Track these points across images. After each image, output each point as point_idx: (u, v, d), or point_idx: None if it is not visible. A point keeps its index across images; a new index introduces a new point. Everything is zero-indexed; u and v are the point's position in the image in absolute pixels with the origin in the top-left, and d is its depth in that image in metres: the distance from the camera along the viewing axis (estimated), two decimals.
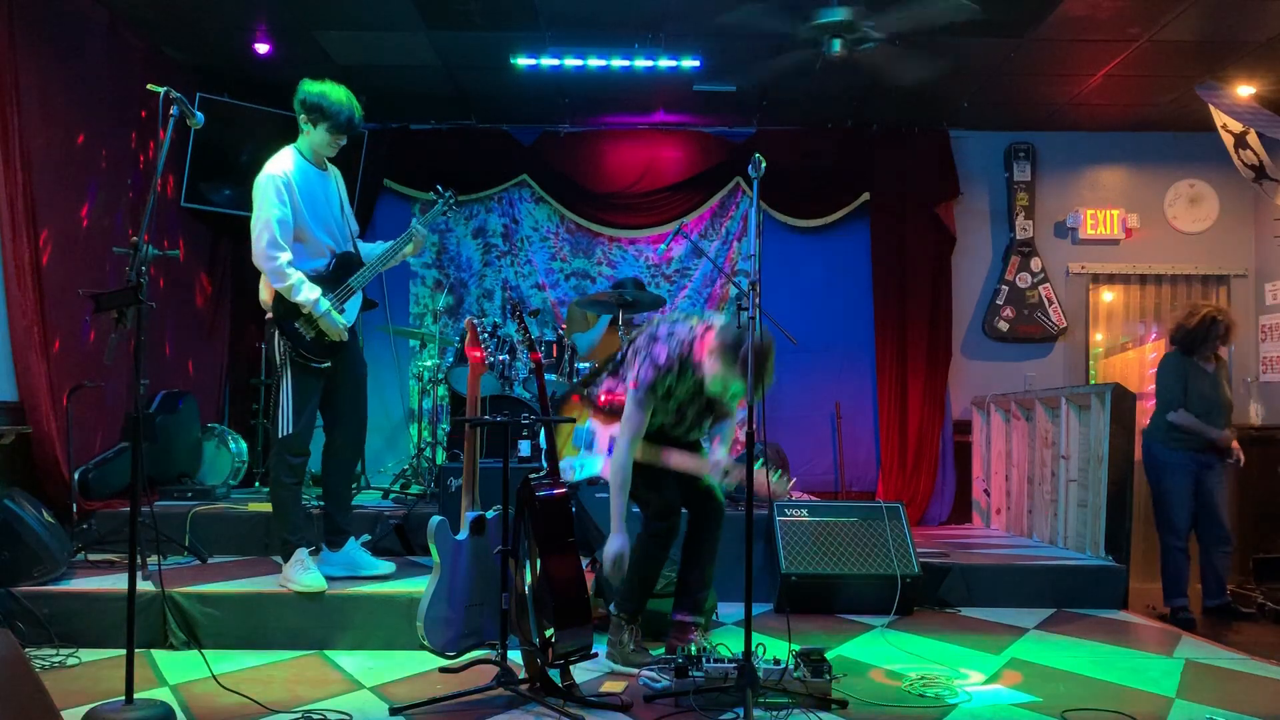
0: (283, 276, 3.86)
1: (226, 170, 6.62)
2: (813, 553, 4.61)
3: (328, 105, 3.97)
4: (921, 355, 7.32)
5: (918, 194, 7.37)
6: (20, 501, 4.11)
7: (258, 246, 3.87)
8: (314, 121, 4.01)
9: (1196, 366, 5.16)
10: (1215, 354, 5.22)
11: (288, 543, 4.06)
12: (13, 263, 4.70)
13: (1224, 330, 5.15)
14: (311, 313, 3.91)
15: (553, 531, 3.25)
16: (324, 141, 4.06)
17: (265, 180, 3.93)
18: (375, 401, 5.19)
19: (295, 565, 4.02)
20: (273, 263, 3.85)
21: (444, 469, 5.06)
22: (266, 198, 3.89)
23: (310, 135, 4.06)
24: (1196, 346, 5.16)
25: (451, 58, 6.28)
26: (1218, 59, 6.05)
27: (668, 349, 3.52)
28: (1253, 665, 3.81)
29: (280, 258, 3.85)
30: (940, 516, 7.23)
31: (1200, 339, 5.14)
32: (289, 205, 3.92)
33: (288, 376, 3.98)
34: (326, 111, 3.98)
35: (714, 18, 5.41)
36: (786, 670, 3.19)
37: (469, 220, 7.54)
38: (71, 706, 2.96)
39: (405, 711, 3.08)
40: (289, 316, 3.93)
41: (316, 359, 4.00)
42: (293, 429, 3.97)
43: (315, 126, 4.02)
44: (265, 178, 3.94)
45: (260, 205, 3.90)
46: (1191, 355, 5.18)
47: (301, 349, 3.95)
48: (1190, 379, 5.13)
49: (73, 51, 5.26)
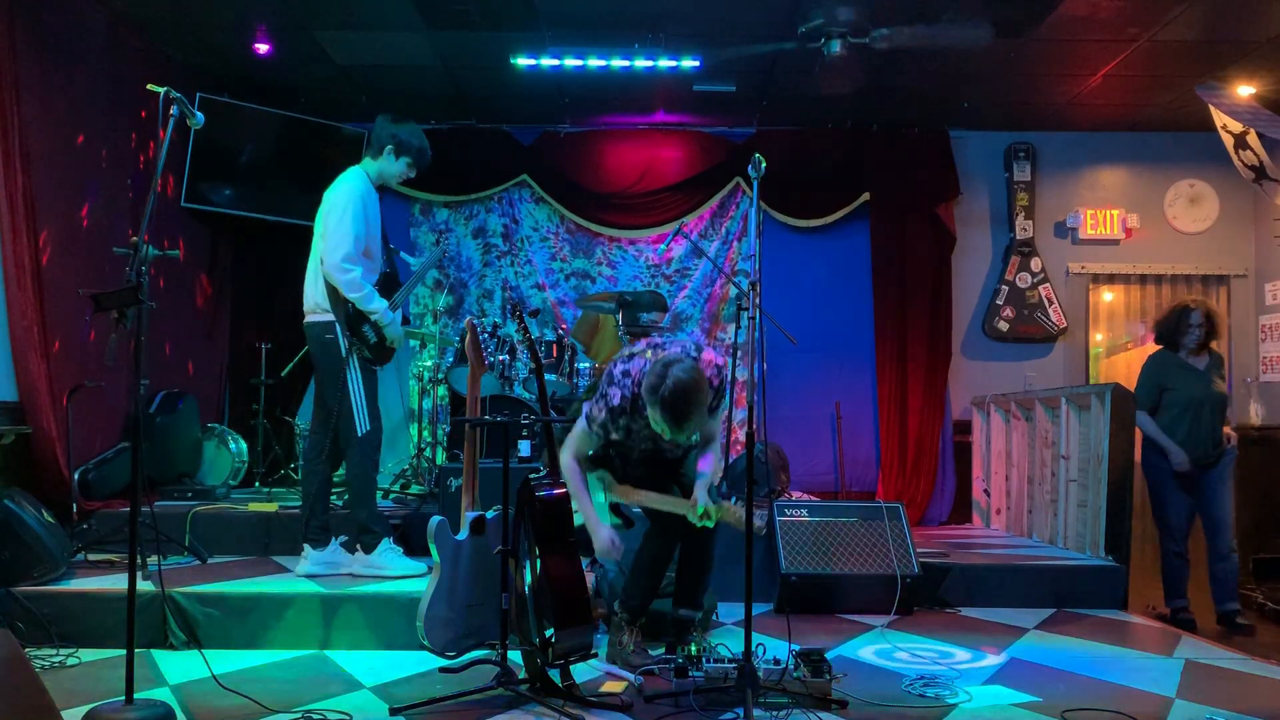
0: (358, 287, 4.12)
1: (226, 170, 6.63)
2: (813, 553, 4.61)
3: (418, 144, 4.34)
4: (921, 355, 7.32)
5: (918, 194, 7.37)
6: (20, 501, 4.11)
7: (334, 257, 4.09)
8: (397, 153, 4.31)
9: (1181, 364, 5.09)
10: (1206, 349, 5.10)
11: (371, 532, 4.26)
12: (13, 263, 4.70)
13: (1201, 321, 5.01)
14: (380, 320, 4.20)
15: (553, 531, 3.24)
16: (397, 173, 4.36)
17: (350, 196, 4.17)
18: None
19: (388, 553, 4.25)
20: (350, 274, 4.10)
21: (444, 469, 5.06)
22: (352, 213, 4.13)
23: (384, 163, 4.32)
24: (1175, 340, 5.09)
25: (451, 58, 6.28)
26: (1218, 59, 6.05)
27: (621, 392, 3.41)
28: (1253, 665, 3.81)
29: (356, 270, 4.12)
30: (940, 516, 7.23)
31: (1173, 330, 5.07)
32: (364, 224, 4.17)
33: (356, 377, 4.22)
34: (415, 150, 4.33)
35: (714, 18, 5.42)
36: (786, 670, 3.19)
37: (469, 220, 7.54)
38: (71, 706, 2.96)
39: (405, 711, 3.08)
40: (359, 320, 4.18)
41: (375, 361, 4.28)
42: (370, 425, 4.23)
43: (396, 158, 4.32)
44: (348, 193, 4.18)
45: (343, 218, 4.13)
46: (1177, 351, 5.10)
47: (368, 350, 4.22)
48: (1170, 377, 5.06)
49: (73, 51, 5.26)
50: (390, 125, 4.31)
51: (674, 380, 3.16)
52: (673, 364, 3.21)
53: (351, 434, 4.20)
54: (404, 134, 4.30)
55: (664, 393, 3.15)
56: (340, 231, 4.10)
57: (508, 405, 5.54)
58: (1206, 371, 5.08)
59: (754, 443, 3.12)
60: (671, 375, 3.17)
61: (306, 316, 4.27)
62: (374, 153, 4.33)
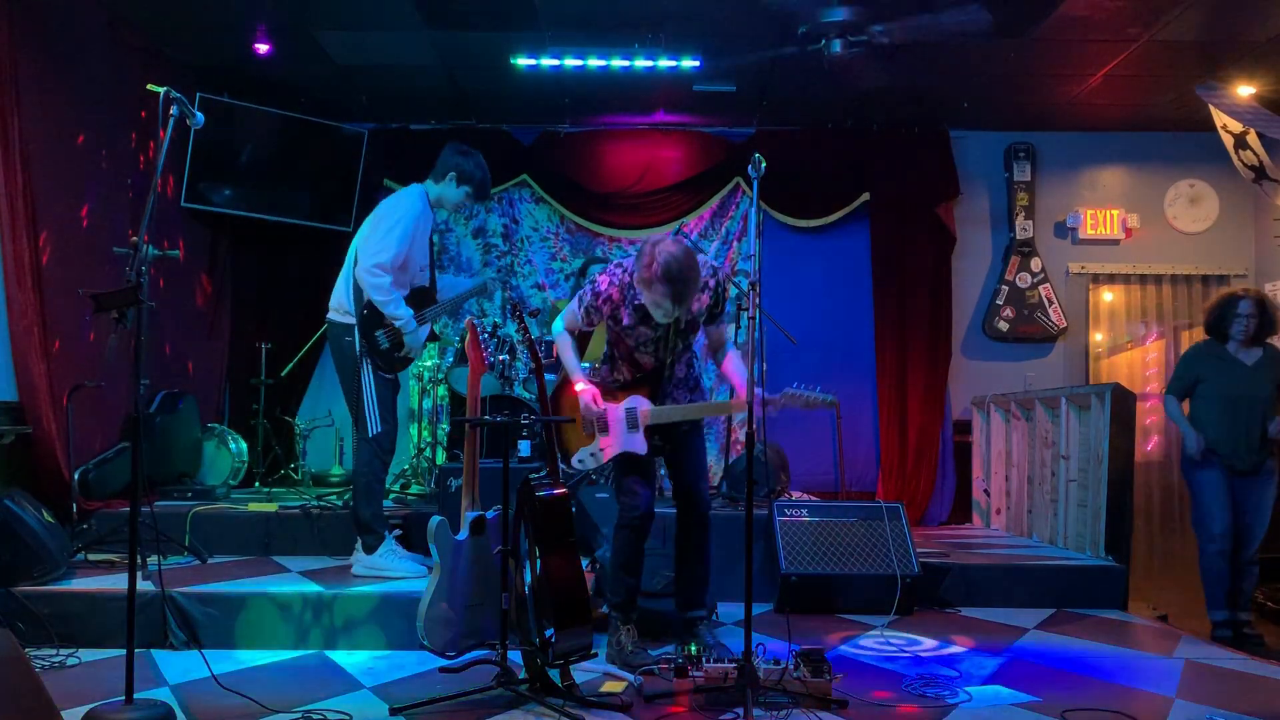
0: (386, 292, 4.21)
1: (226, 170, 6.63)
2: (813, 553, 4.61)
3: (481, 177, 4.43)
4: (921, 355, 7.32)
5: (917, 194, 7.37)
6: (20, 501, 4.11)
7: (368, 260, 4.18)
8: (459, 182, 4.40)
9: (1223, 356, 4.80)
10: (1260, 342, 4.79)
11: (373, 532, 4.31)
12: (13, 263, 4.70)
13: (1250, 310, 4.69)
14: (403, 329, 4.28)
15: (553, 531, 3.24)
16: (455, 201, 4.45)
17: (404, 212, 4.28)
18: None
19: (389, 554, 4.30)
20: (379, 278, 4.18)
21: (444, 469, 5.06)
22: (401, 229, 4.23)
23: (444, 188, 4.42)
24: (1221, 329, 4.81)
25: (451, 58, 6.28)
26: (1218, 59, 6.05)
27: (610, 279, 3.62)
28: (1253, 665, 3.81)
29: (385, 278, 4.20)
30: (940, 516, 7.23)
31: (1219, 320, 4.79)
32: (409, 243, 4.27)
33: (369, 379, 4.29)
34: (477, 182, 4.43)
35: (714, 18, 5.42)
36: (786, 670, 3.19)
37: (469, 220, 7.54)
38: (71, 706, 2.95)
39: (405, 711, 3.08)
40: (372, 324, 4.26)
41: (386, 369, 4.33)
42: (381, 427, 4.29)
43: (458, 186, 4.41)
44: (405, 210, 4.29)
45: (391, 230, 4.22)
46: (1225, 342, 4.83)
47: (377, 357, 4.28)
48: (1207, 368, 4.81)
49: (72, 51, 5.26)
50: (457, 154, 4.40)
51: (665, 253, 3.32)
52: (659, 242, 3.37)
53: (363, 433, 4.29)
54: (469, 165, 4.40)
55: (659, 264, 3.29)
56: (385, 241, 4.20)
57: (508, 405, 5.55)
58: (1257, 368, 4.75)
59: (754, 443, 3.12)
60: (662, 249, 3.33)
61: (329, 314, 4.40)
62: (437, 176, 4.42)
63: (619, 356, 3.76)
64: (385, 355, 4.31)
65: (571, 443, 3.86)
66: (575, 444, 3.82)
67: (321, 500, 5.34)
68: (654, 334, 3.62)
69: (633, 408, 3.67)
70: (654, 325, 3.58)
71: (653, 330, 3.61)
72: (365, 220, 4.41)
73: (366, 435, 4.28)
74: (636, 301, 3.53)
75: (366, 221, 4.38)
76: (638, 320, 3.59)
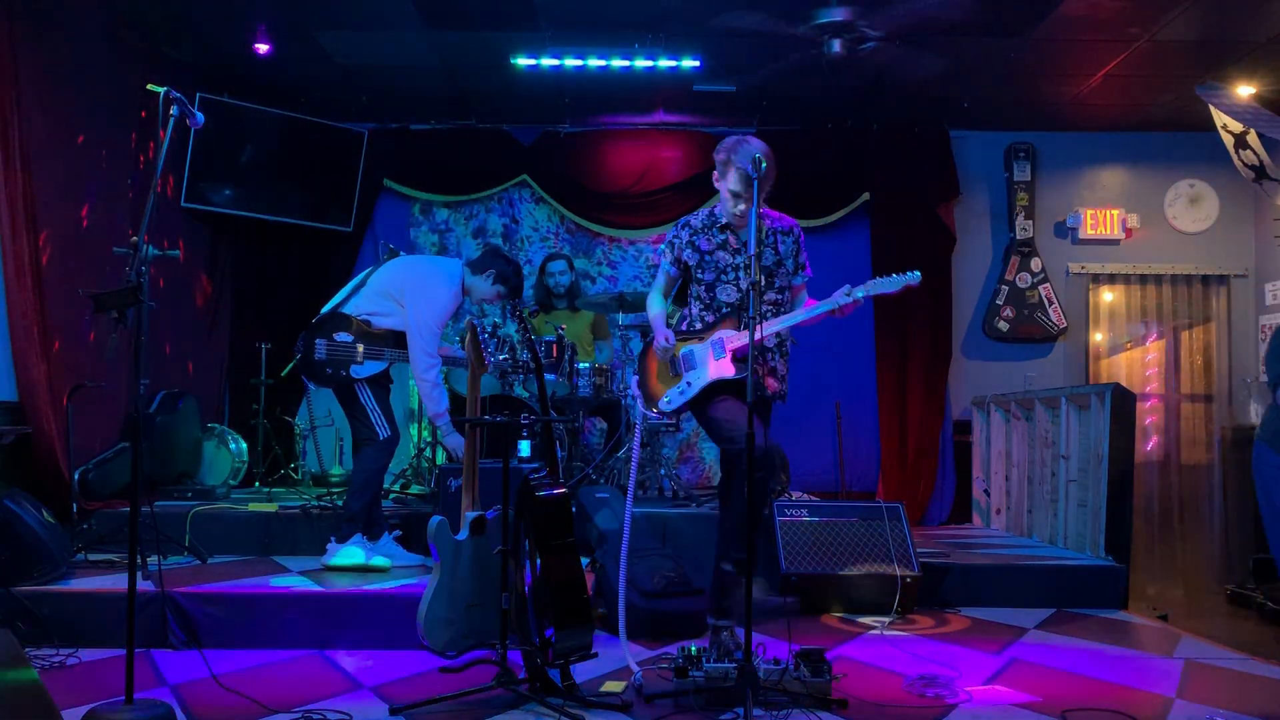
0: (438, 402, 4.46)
1: (226, 170, 6.63)
2: (813, 553, 4.61)
3: (515, 282, 4.55)
4: (921, 355, 7.32)
5: (918, 194, 7.36)
6: (20, 501, 4.11)
7: (422, 342, 4.38)
8: (495, 280, 4.51)
9: None
10: None
11: (353, 523, 4.41)
12: (13, 263, 4.70)
13: None
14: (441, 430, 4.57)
15: (552, 531, 3.24)
16: (486, 295, 4.55)
17: (445, 294, 4.43)
18: None
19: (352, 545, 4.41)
20: (433, 370, 4.42)
21: (444, 469, 5.05)
22: (443, 308, 4.42)
23: (480, 281, 4.52)
24: None
25: (451, 58, 6.28)
26: (1218, 59, 6.05)
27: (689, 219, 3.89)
28: (1253, 665, 3.81)
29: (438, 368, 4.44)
30: (940, 516, 7.23)
31: None
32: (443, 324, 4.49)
33: (365, 391, 4.43)
34: (512, 285, 4.54)
35: (714, 18, 5.41)
36: (786, 670, 3.19)
37: (469, 220, 7.54)
38: (71, 706, 2.95)
39: (405, 711, 3.08)
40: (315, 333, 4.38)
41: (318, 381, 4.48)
42: (390, 430, 4.45)
43: (493, 284, 4.52)
44: (444, 293, 4.44)
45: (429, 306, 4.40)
46: None
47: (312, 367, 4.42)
48: None
49: (73, 51, 5.26)
50: (499, 258, 4.55)
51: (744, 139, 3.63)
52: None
53: (373, 436, 4.43)
54: (509, 270, 4.52)
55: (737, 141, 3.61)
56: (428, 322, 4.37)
57: (508, 405, 5.54)
58: None
59: (754, 443, 3.12)
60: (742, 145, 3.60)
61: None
62: (476, 267, 4.53)
63: (699, 299, 3.81)
64: (316, 366, 4.37)
65: (659, 392, 3.81)
66: (663, 391, 3.79)
67: (321, 500, 5.34)
68: (733, 260, 3.74)
69: (718, 338, 3.71)
70: (733, 250, 3.73)
71: (731, 256, 3.73)
72: (384, 275, 4.51)
73: (378, 436, 4.43)
74: (720, 223, 3.78)
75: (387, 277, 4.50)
76: (717, 245, 3.75)
